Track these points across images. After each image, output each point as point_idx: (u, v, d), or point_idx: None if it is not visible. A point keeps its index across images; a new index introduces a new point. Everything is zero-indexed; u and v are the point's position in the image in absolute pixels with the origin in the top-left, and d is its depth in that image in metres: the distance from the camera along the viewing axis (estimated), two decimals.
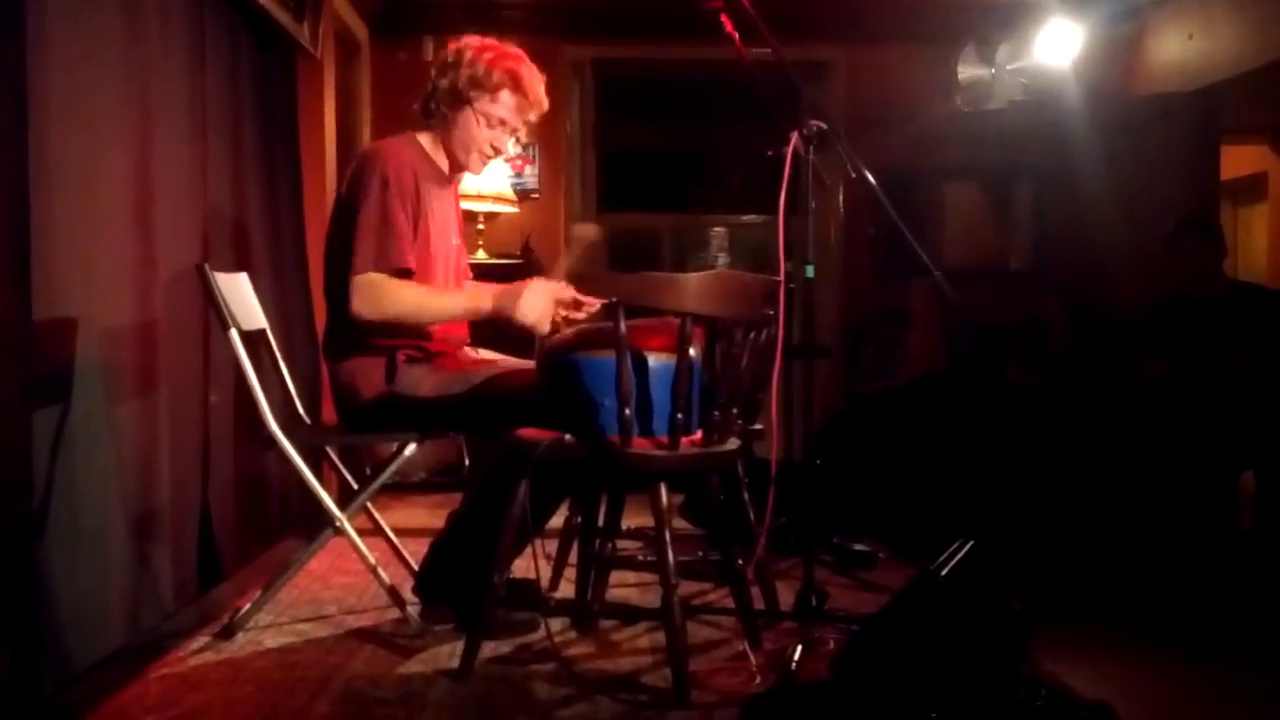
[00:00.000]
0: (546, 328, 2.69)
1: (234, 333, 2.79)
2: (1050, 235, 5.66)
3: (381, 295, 2.67)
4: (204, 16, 3.23)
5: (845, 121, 5.45)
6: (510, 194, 5.51)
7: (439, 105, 2.87)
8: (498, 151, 2.95)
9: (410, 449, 2.79)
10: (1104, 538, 3.80)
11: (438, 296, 2.80)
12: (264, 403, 2.78)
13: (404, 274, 2.70)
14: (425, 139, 2.93)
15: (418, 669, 2.55)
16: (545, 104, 2.92)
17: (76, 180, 2.40)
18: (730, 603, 2.76)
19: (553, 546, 3.16)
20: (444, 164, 2.94)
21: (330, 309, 2.87)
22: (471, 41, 2.88)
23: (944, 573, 2.23)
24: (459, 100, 2.84)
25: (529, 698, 2.38)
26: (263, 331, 3.09)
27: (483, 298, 2.75)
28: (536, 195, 5.85)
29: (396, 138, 2.91)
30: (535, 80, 2.88)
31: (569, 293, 2.78)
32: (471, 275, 3.15)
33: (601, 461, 2.41)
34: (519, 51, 2.90)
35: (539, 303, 2.68)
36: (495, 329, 2.80)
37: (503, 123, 2.88)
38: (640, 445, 2.39)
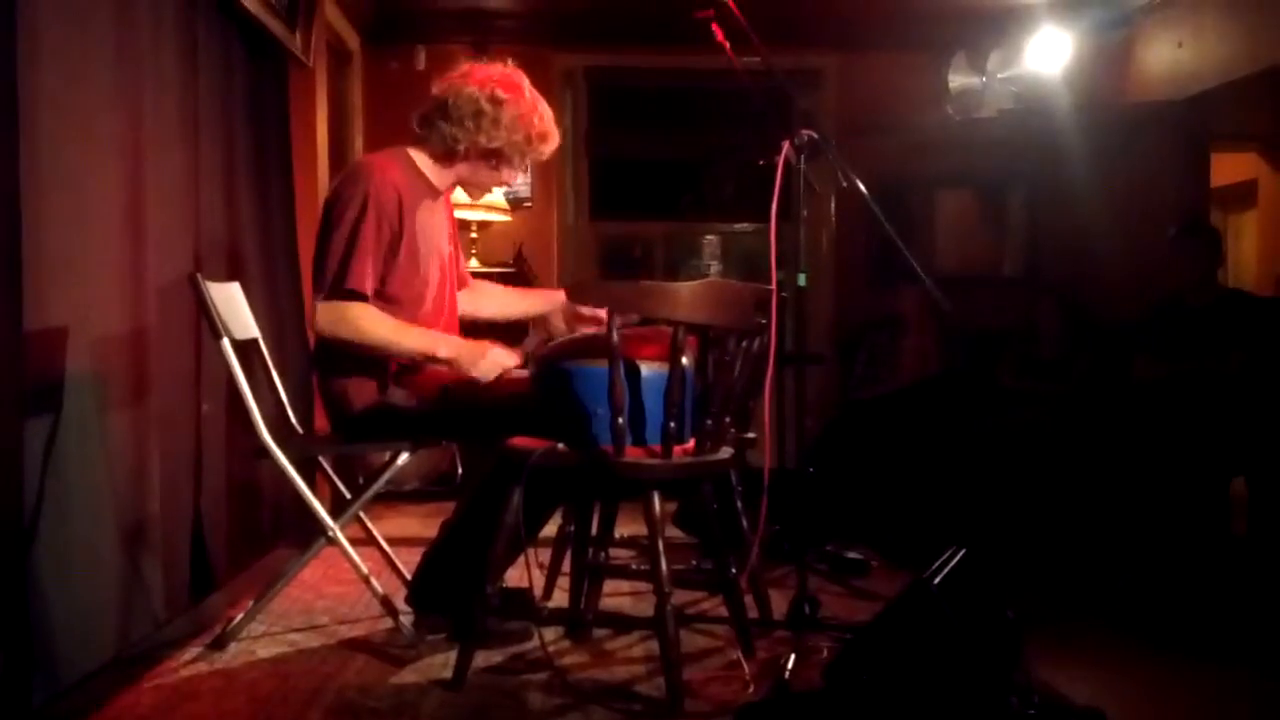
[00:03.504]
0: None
1: (226, 342, 2.78)
2: (1043, 241, 5.69)
3: (343, 321, 2.70)
4: (196, 25, 3.23)
5: (836, 129, 5.47)
6: (503, 203, 5.52)
7: (465, 148, 2.83)
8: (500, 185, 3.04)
9: (403, 458, 2.78)
10: (1097, 543, 3.81)
11: (398, 331, 2.76)
12: (256, 412, 2.78)
13: (360, 297, 2.71)
14: (420, 156, 2.89)
15: (411, 679, 2.55)
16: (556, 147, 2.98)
17: (68, 189, 2.39)
18: (724, 611, 2.76)
19: (546, 555, 3.16)
20: (439, 180, 2.92)
21: None
22: (508, 95, 2.82)
23: (937, 580, 2.24)
24: (495, 159, 2.86)
25: (523, 707, 2.38)
26: (255, 341, 3.08)
27: (441, 346, 2.77)
28: (529, 204, 5.85)
29: (385, 153, 2.90)
30: (557, 131, 2.93)
31: (518, 372, 2.78)
32: (469, 284, 3.16)
33: (594, 470, 2.41)
34: (545, 105, 2.89)
35: (493, 370, 2.73)
36: (490, 335, 2.81)
37: (522, 170, 2.96)
38: (633, 454, 2.39)
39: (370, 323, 2.71)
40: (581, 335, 2.62)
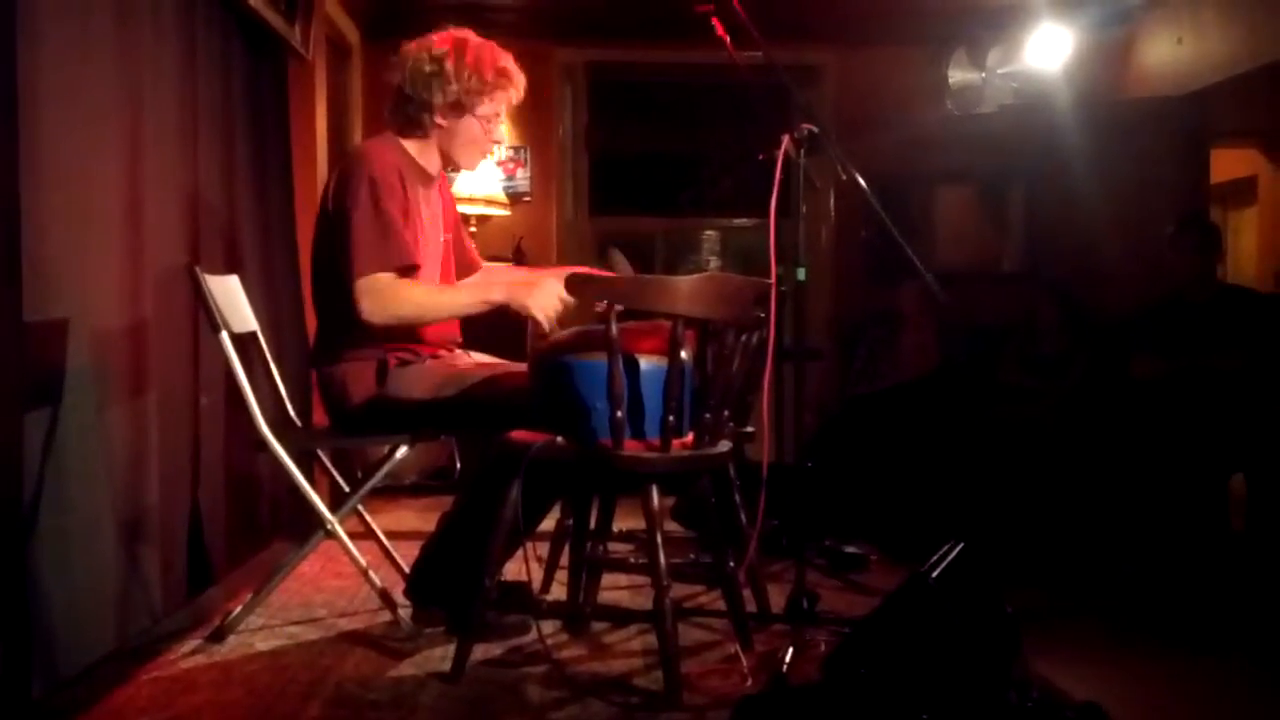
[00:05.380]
0: (552, 325, 2.65)
1: (225, 335, 2.78)
2: (1043, 237, 5.69)
3: (389, 297, 2.65)
4: (196, 19, 3.22)
5: (836, 124, 5.47)
6: (502, 197, 5.51)
7: (431, 116, 2.82)
8: (496, 143, 2.98)
9: (402, 451, 2.78)
10: (1096, 538, 3.81)
11: (444, 293, 2.80)
12: (255, 405, 2.78)
13: (409, 270, 2.69)
14: (409, 144, 2.90)
15: (409, 672, 2.55)
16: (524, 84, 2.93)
17: (68, 182, 2.39)
18: (722, 605, 2.76)
19: (544, 549, 3.17)
20: (430, 165, 2.92)
21: (320, 313, 2.86)
22: (444, 48, 2.82)
23: (935, 575, 2.24)
24: (460, 110, 2.83)
25: (521, 700, 2.38)
26: (254, 334, 3.08)
27: (493, 290, 2.72)
28: (528, 198, 5.85)
29: (378, 139, 2.90)
30: (517, 68, 2.89)
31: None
32: (481, 266, 3.16)
33: (593, 464, 2.41)
34: (490, 42, 2.87)
35: (550, 300, 2.64)
36: (489, 329, 2.80)
37: (497, 115, 2.90)
38: (632, 448, 2.39)
39: (418, 291, 2.70)
40: (581, 329, 2.62)
